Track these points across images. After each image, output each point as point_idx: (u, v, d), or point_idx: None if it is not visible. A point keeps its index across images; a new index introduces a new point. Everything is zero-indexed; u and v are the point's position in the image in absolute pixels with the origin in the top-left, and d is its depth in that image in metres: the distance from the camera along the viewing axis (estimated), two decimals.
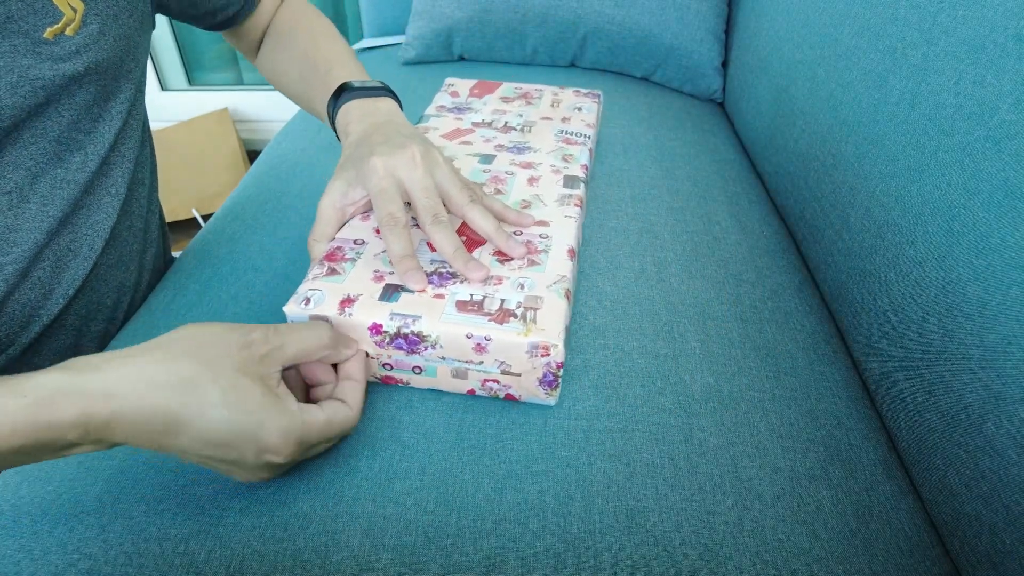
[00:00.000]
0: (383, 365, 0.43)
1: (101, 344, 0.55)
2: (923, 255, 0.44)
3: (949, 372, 0.41)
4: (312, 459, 0.40)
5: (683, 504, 0.40)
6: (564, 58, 0.99)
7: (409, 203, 0.45)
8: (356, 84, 0.53)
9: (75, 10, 0.41)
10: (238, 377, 0.32)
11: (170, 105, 1.78)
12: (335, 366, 0.41)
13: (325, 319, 0.41)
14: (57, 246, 0.46)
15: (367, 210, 0.48)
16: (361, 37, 1.55)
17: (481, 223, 0.44)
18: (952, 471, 0.41)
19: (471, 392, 0.44)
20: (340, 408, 0.38)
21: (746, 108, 0.84)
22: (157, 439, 0.31)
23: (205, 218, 1.47)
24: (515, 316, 0.41)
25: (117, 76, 0.47)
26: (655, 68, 0.96)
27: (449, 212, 0.45)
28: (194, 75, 1.77)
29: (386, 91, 0.54)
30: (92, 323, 0.53)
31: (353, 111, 0.51)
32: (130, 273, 0.56)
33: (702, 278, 0.57)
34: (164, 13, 0.57)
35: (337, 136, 0.53)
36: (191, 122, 1.69)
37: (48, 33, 0.40)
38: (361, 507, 0.39)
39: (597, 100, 0.67)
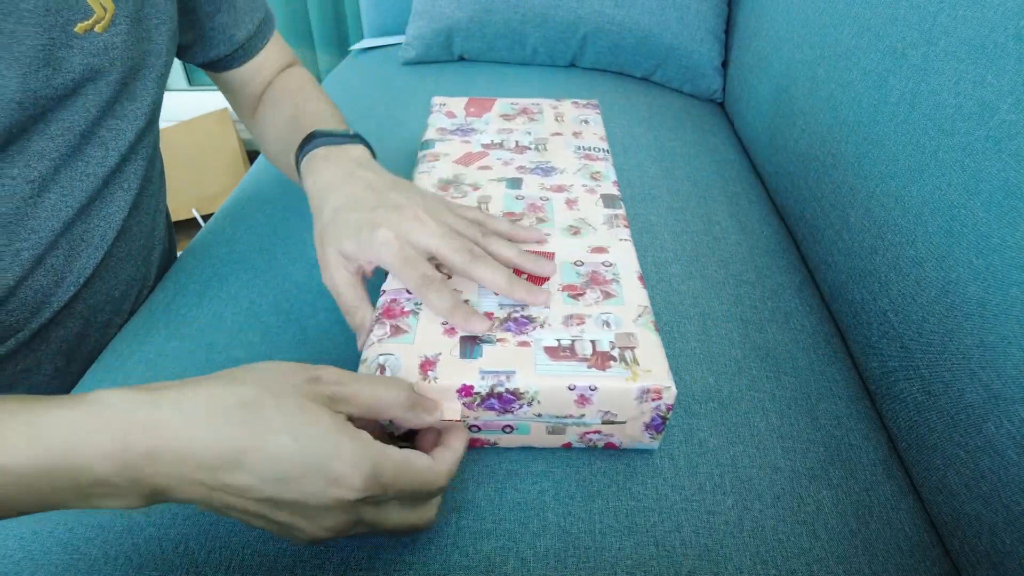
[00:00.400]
0: (470, 428, 0.40)
1: (106, 334, 0.55)
2: (923, 255, 0.44)
3: (949, 372, 0.41)
4: (381, 535, 0.36)
5: (683, 504, 0.40)
6: (564, 58, 0.99)
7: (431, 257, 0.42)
8: (324, 131, 0.50)
9: (105, 9, 0.43)
10: (304, 402, 0.29)
11: (170, 105, 1.78)
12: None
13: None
14: (71, 235, 0.48)
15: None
16: (361, 37, 1.55)
17: (491, 279, 0.40)
18: (952, 471, 0.41)
19: (567, 446, 0.42)
20: (423, 457, 0.33)
21: (746, 108, 0.84)
22: (209, 479, 0.27)
23: (205, 218, 1.47)
24: (615, 359, 0.38)
25: (144, 78, 0.49)
26: (655, 68, 0.96)
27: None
28: (194, 75, 1.77)
29: (357, 139, 0.51)
30: (100, 313, 0.53)
31: (318, 158, 0.48)
32: (137, 267, 0.57)
33: (702, 278, 0.57)
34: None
35: (302, 187, 0.50)
36: (191, 122, 1.69)
37: (79, 28, 0.42)
38: None
39: (598, 110, 0.66)
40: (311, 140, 0.50)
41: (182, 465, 0.27)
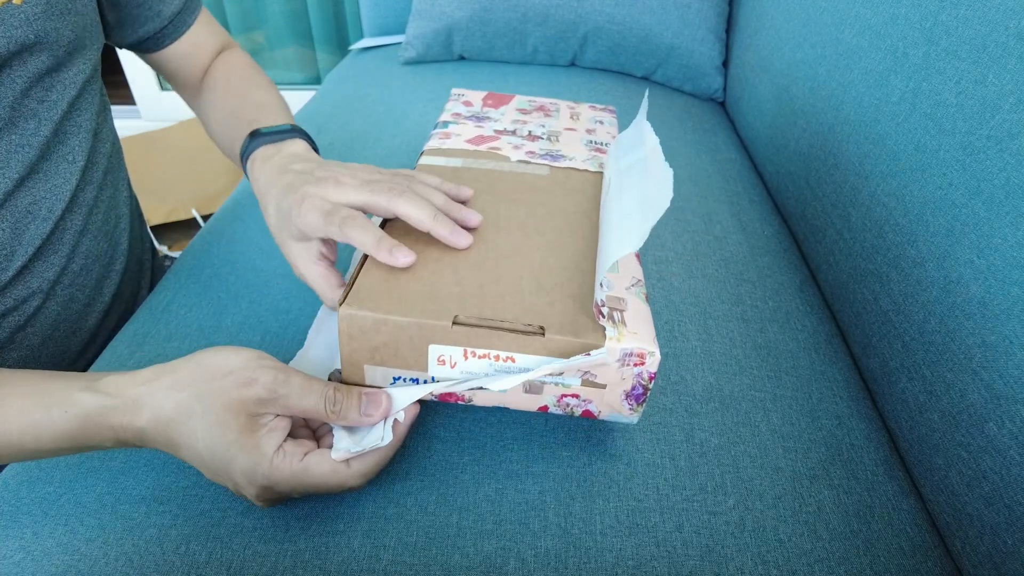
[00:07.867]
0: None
1: (69, 308, 0.55)
2: (924, 255, 0.44)
3: (951, 372, 0.41)
4: (316, 497, 0.39)
5: (684, 504, 0.40)
6: (564, 57, 0.99)
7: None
8: (264, 129, 0.51)
9: None
10: (223, 413, 0.34)
11: (170, 105, 1.78)
12: None
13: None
14: (15, 207, 0.49)
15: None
16: (361, 37, 1.55)
17: (415, 214, 0.40)
18: (954, 471, 0.40)
19: (543, 409, 0.40)
20: (324, 464, 0.35)
21: (747, 108, 0.84)
22: (173, 453, 0.36)
23: (205, 218, 1.47)
24: (603, 315, 0.36)
25: (70, 49, 0.50)
26: (656, 67, 0.96)
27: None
28: None
29: (296, 132, 0.52)
30: (58, 286, 0.54)
31: (259, 159, 0.49)
32: (97, 242, 0.57)
33: (703, 278, 0.57)
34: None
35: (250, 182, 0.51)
36: (191, 122, 1.69)
37: None
38: (362, 507, 0.39)
39: (614, 115, 0.66)
40: (253, 139, 0.51)
41: (156, 444, 0.36)
